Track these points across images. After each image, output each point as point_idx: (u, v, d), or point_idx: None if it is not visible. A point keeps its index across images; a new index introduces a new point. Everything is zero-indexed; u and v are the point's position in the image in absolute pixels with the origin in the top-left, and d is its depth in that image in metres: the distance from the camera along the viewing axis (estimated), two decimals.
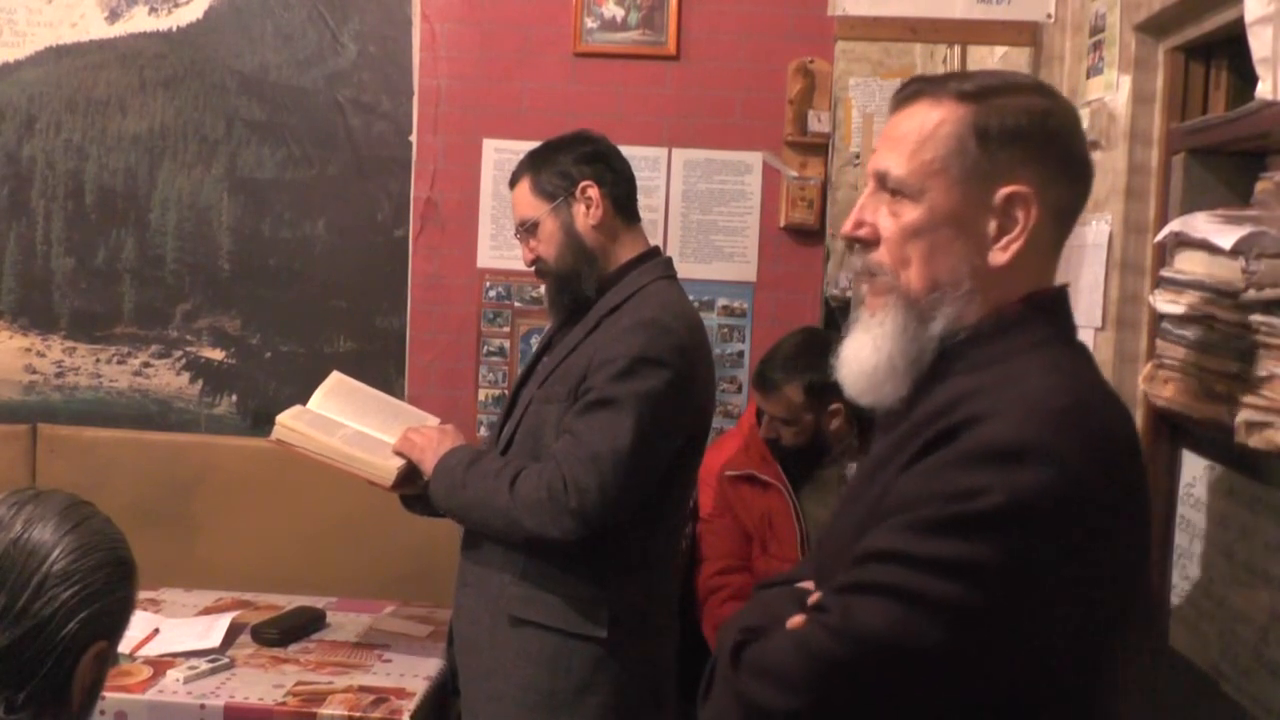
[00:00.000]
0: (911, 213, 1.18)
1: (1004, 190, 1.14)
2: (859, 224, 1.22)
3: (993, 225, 1.15)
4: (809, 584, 1.29)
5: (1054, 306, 1.20)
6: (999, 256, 1.16)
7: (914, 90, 1.21)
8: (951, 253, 1.17)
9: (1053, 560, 1.04)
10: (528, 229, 2.11)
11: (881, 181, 1.21)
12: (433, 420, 2.30)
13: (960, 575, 1.03)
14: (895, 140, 1.20)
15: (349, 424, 2.23)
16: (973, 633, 1.04)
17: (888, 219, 1.20)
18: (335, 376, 2.36)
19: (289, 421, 2.20)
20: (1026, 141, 1.15)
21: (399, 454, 2.14)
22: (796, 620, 1.15)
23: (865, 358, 1.22)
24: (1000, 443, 1.05)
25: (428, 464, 2.08)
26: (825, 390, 2.60)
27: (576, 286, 2.08)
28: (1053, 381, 1.10)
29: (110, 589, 1.24)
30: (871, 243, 1.21)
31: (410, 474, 2.14)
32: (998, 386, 1.11)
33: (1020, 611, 1.05)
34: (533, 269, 2.15)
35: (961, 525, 1.04)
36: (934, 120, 1.17)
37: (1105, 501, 1.07)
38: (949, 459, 1.08)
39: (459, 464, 2.03)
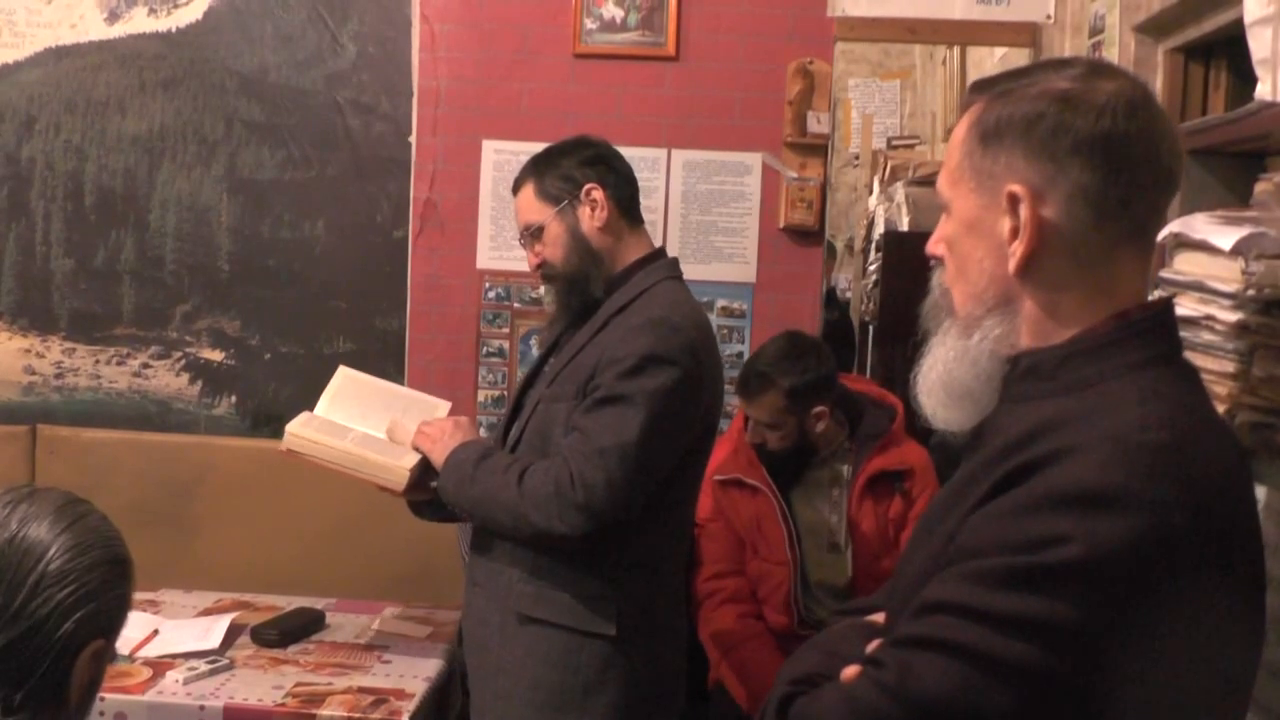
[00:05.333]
0: (948, 226, 1.13)
1: (1005, 190, 1.05)
2: (934, 242, 1.16)
3: (1006, 229, 1.06)
4: (881, 618, 1.21)
5: (1153, 325, 1.06)
6: (1010, 263, 1.06)
7: (965, 99, 1.13)
8: (976, 263, 1.09)
9: (1137, 624, 0.92)
10: (533, 234, 2.11)
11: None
12: (444, 406, 2.30)
13: (1031, 634, 0.92)
14: (946, 154, 1.14)
15: (358, 428, 2.22)
16: (1043, 699, 0.93)
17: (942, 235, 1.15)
18: (342, 373, 2.34)
19: (298, 430, 2.19)
20: (1026, 132, 1.04)
21: (416, 448, 2.14)
22: (850, 673, 1.05)
23: (928, 380, 1.15)
24: (1082, 485, 0.93)
25: (438, 456, 2.08)
26: (806, 393, 2.60)
27: (584, 289, 2.08)
28: (1148, 412, 0.97)
29: (106, 588, 1.24)
30: (943, 261, 1.15)
31: (421, 478, 2.14)
32: (1085, 416, 1.00)
33: (1097, 679, 0.92)
34: (539, 274, 2.15)
35: (1034, 578, 0.92)
36: (960, 127, 1.11)
37: (1204, 558, 0.93)
38: (1024, 501, 0.96)
39: (469, 459, 2.03)
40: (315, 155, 3.25)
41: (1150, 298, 1.12)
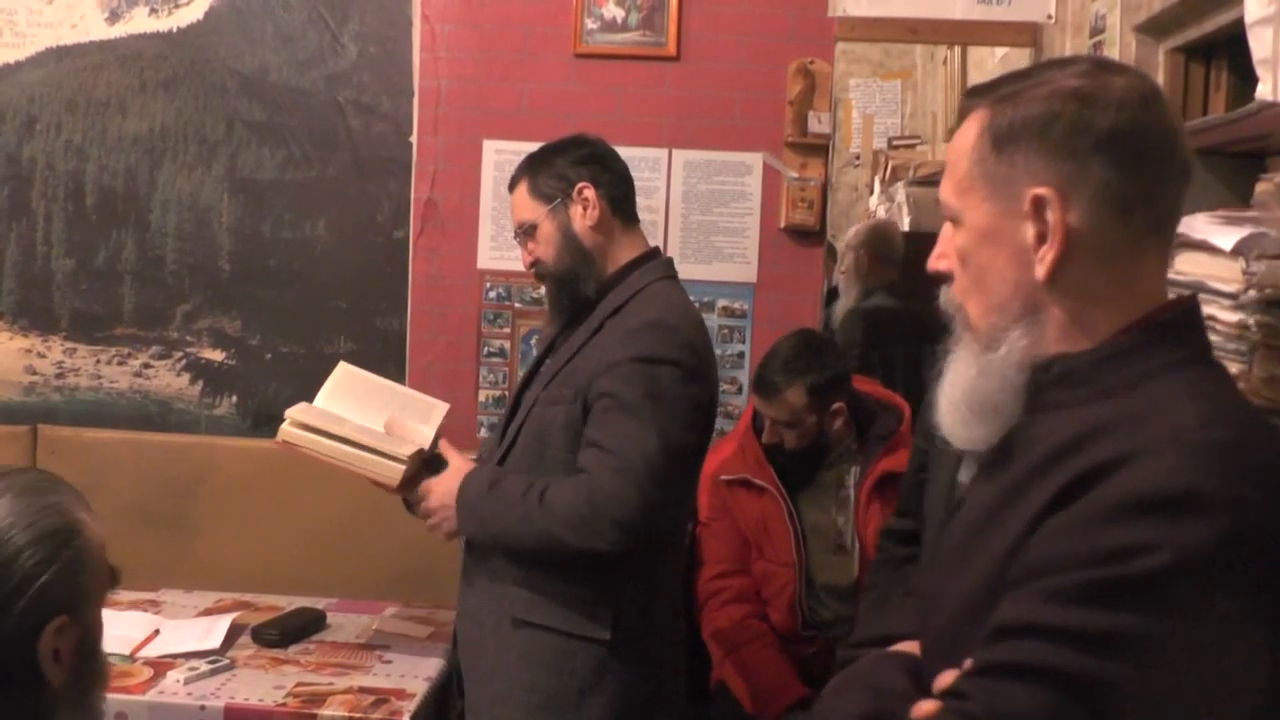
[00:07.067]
0: (959, 238, 1.08)
1: (1029, 194, 1.02)
2: (938, 256, 1.12)
3: (1030, 235, 1.03)
4: (909, 646, 1.15)
5: (1185, 324, 1.04)
6: (1039, 270, 1.03)
7: (963, 105, 1.11)
8: (995, 273, 1.05)
9: (1232, 629, 0.89)
10: (526, 231, 2.12)
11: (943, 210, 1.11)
12: (442, 407, 2.30)
13: (1121, 650, 0.88)
14: (947, 164, 1.11)
15: (355, 422, 2.22)
16: (1139, 716, 0.89)
17: (952, 248, 1.10)
18: (342, 369, 2.35)
19: (298, 416, 2.19)
20: (1042, 133, 1.02)
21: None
22: (927, 708, 0.99)
23: (949, 400, 1.10)
24: (1158, 490, 0.90)
25: (452, 518, 2.07)
26: (827, 389, 2.60)
27: (576, 288, 2.09)
28: (1203, 411, 0.95)
29: (43, 566, 1.18)
30: (951, 276, 1.11)
31: (415, 475, 2.14)
32: (1136, 419, 0.96)
33: (1196, 692, 0.89)
34: (533, 272, 2.16)
35: (1120, 591, 0.88)
36: (965, 134, 1.08)
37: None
38: (1097, 510, 0.92)
39: (477, 495, 2.02)
40: (316, 155, 3.25)
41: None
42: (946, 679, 1.00)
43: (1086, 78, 1.03)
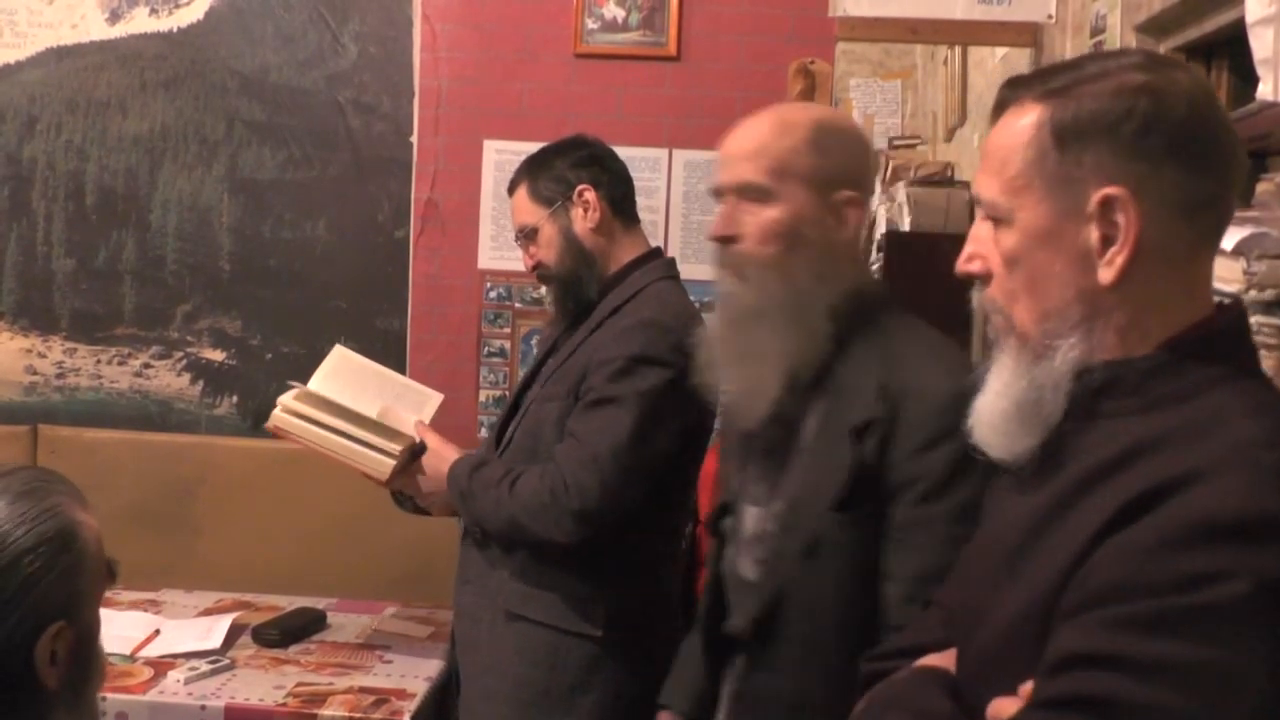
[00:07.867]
0: (1008, 239, 1.02)
1: (1097, 194, 0.96)
2: (970, 257, 1.06)
3: (1095, 238, 0.97)
4: (941, 660, 1.10)
5: (1234, 331, 1.00)
6: (1106, 274, 0.97)
7: (1001, 98, 1.05)
8: (1053, 277, 0.99)
9: None
10: (527, 235, 2.12)
11: (983, 208, 1.05)
12: (435, 397, 2.30)
13: (1198, 682, 0.83)
14: (986, 159, 1.05)
15: (349, 408, 2.21)
16: None
17: (993, 249, 1.04)
18: (338, 352, 2.33)
19: (290, 404, 2.18)
20: (1112, 131, 0.96)
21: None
22: None
23: (989, 407, 1.05)
24: (1233, 514, 0.85)
25: (442, 494, 2.10)
26: None
27: (579, 290, 2.09)
28: (1264, 427, 0.91)
29: (41, 573, 1.17)
30: (986, 277, 1.05)
31: (405, 469, 2.14)
32: (1193, 433, 0.92)
33: None
34: (535, 274, 2.16)
35: (1195, 619, 0.83)
36: (1016, 129, 1.01)
37: None
38: (1165, 533, 0.87)
39: (463, 474, 2.05)
40: (316, 155, 3.26)
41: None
42: (1006, 708, 0.94)
43: (1150, 72, 0.97)
